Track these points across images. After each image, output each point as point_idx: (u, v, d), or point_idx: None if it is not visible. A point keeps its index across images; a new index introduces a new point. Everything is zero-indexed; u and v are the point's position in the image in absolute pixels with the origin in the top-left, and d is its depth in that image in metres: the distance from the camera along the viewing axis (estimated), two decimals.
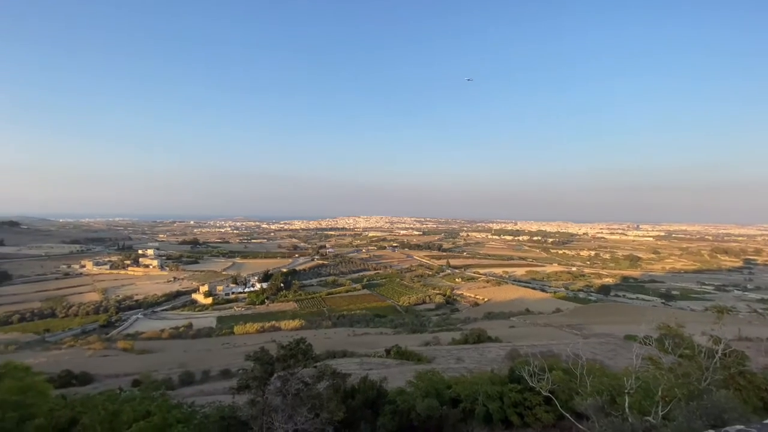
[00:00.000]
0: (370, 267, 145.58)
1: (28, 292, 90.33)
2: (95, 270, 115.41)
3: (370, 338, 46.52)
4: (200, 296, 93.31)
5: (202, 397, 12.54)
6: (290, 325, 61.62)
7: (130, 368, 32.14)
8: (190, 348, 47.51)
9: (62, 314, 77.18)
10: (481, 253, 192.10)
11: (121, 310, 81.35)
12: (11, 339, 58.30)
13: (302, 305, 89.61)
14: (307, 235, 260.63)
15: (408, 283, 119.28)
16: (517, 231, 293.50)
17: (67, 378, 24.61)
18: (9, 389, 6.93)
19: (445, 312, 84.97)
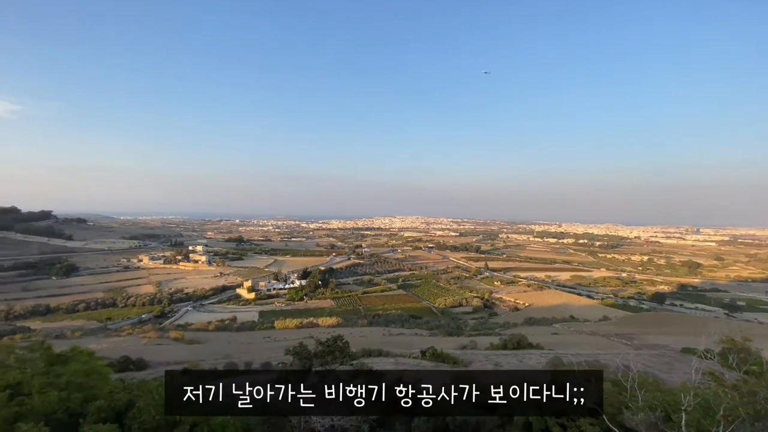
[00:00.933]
0: (405, 267, 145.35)
1: (92, 283, 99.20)
2: (151, 264, 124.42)
3: (405, 339, 46.39)
4: (244, 291, 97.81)
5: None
6: (327, 322, 62.93)
7: (180, 357, 34.33)
8: (234, 340, 49.87)
9: (122, 304, 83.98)
10: (521, 256, 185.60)
11: (173, 302, 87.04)
12: (77, 326, 64.28)
13: (339, 303, 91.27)
14: (344, 234, 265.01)
15: (444, 285, 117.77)
16: (562, 233, 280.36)
17: (125, 363, 26.70)
18: (74, 372, 7.64)
19: (483, 316, 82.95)
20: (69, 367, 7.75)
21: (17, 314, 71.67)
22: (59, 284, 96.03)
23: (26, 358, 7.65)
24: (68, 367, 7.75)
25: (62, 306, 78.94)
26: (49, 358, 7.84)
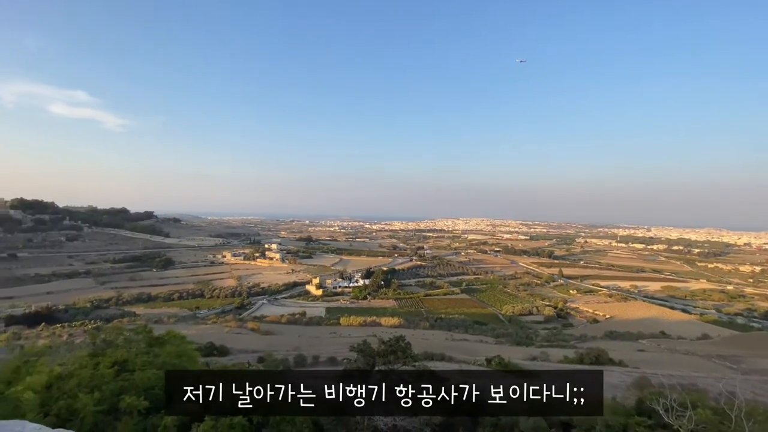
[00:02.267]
0: (469, 271, 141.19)
1: (185, 275, 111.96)
2: (233, 260, 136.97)
3: (469, 345, 45.00)
4: (312, 288, 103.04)
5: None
6: (389, 322, 63.57)
7: (256, 346, 37.24)
8: (303, 333, 52.67)
9: (208, 295, 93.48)
10: (602, 263, 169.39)
11: (251, 296, 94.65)
12: (172, 313, 72.93)
13: (401, 304, 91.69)
14: (406, 235, 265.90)
15: (512, 291, 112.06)
16: (651, 238, 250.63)
17: (210, 349, 29.67)
18: (169, 353, 8.59)
19: (556, 326, 77.22)
20: (165, 348, 8.75)
21: (125, 300, 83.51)
22: (158, 276, 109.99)
23: (131, 339, 8.80)
24: (164, 348, 8.75)
25: (160, 295, 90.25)
26: (150, 340, 8.92)
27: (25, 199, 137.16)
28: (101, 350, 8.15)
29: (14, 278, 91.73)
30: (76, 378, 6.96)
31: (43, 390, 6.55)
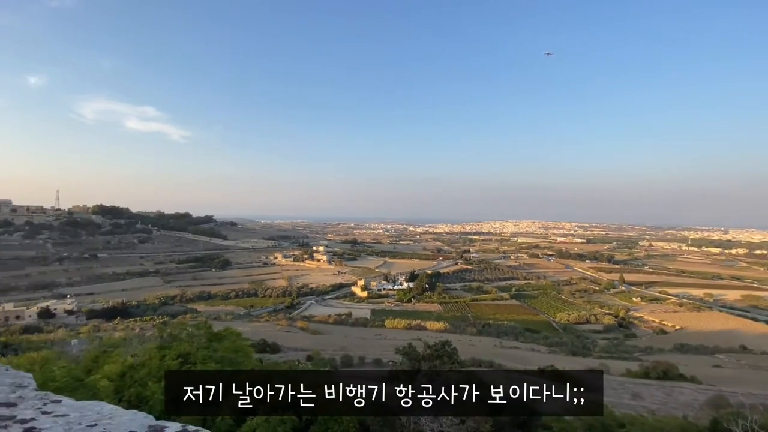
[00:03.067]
0: (519, 276, 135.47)
1: (240, 275, 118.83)
2: (283, 261, 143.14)
3: (520, 353, 43.11)
4: (357, 289, 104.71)
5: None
6: (435, 326, 62.76)
7: (305, 344, 38.54)
8: (350, 334, 53.64)
9: (261, 295, 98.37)
10: (670, 269, 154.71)
11: (300, 296, 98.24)
12: (229, 310, 77.68)
13: (446, 308, 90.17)
14: (451, 238, 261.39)
15: (567, 298, 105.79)
16: (729, 242, 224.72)
17: (262, 345, 31.15)
18: (227, 348, 9.12)
19: (617, 336, 71.61)
20: (223, 344, 9.31)
21: (188, 298, 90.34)
22: (217, 275, 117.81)
23: (194, 334, 9.45)
24: (222, 344, 9.31)
25: (219, 293, 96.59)
26: (209, 335, 9.53)
27: (104, 206, 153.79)
28: (167, 343, 8.84)
29: (95, 276, 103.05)
30: (146, 368, 7.61)
31: (117, 378, 7.23)
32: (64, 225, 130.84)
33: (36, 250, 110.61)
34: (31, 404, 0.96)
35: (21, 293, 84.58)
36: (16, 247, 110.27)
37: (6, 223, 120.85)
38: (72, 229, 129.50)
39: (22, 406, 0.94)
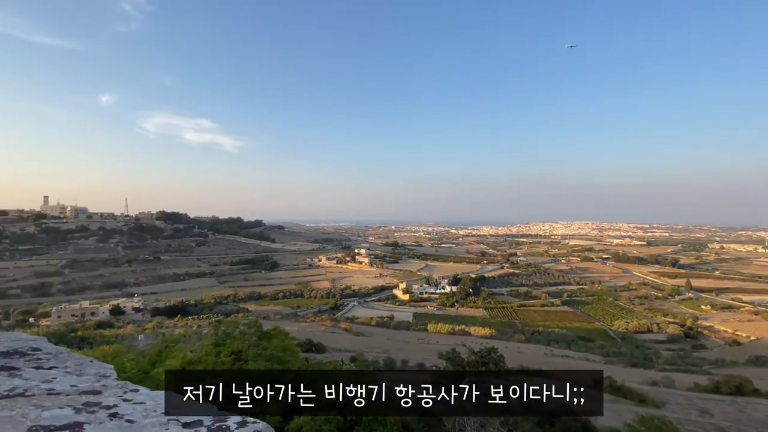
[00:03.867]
0: (571, 281, 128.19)
1: (287, 277, 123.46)
2: (327, 264, 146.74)
3: (573, 362, 40.65)
4: (399, 292, 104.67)
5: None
6: (480, 332, 61.00)
7: (348, 345, 39.12)
8: (392, 337, 53.66)
9: (307, 296, 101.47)
10: (744, 273, 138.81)
11: (343, 297, 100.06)
12: (277, 310, 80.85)
13: (491, 314, 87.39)
14: (496, 241, 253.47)
15: (625, 305, 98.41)
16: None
17: (308, 345, 32.05)
18: (275, 347, 9.48)
19: (683, 347, 65.35)
20: (272, 342, 9.69)
21: (240, 298, 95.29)
22: (266, 277, 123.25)
23: (245, 333, 9.94)
24: (271, 342, 9.70)
25: (268, 294, 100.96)
26: (260, 334, 9.97)
27: (166, 212, 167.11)
28: (222, 341, 9.37)
29: (158, 277, 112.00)
30: (203, 364, 8.11)
31: (178, 372, 7.76)
32: (131, 230, 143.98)
33: (108, 253, 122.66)
34: (113, 392, 1.08)
35: (95, 292, 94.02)
36: (92, 250, 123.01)
37: (83, 228, 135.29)
38: (138, 234, 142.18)
39: (106, 393, 1.07)
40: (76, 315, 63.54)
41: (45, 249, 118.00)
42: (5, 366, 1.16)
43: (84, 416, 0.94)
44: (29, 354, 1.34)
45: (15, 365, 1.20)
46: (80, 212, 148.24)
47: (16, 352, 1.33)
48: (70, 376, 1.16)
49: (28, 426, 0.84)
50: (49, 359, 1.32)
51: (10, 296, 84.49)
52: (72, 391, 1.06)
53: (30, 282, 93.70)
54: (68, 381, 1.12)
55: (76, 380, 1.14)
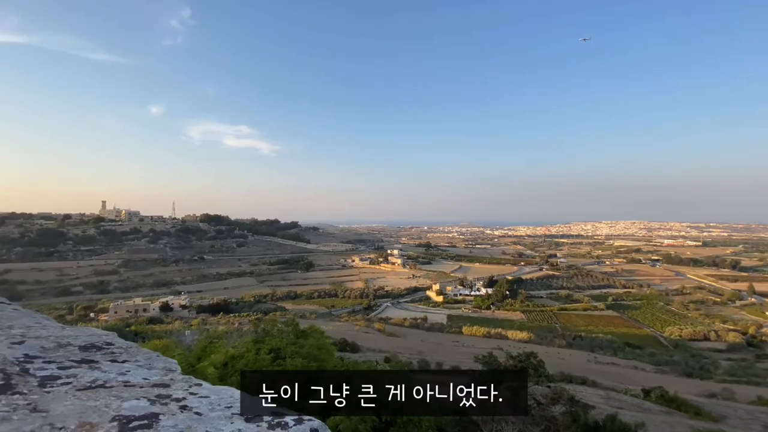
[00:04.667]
0: (616, 283, 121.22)
1: (322, 277, 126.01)
2: (360, 264, 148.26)
3: (619, 370, 38.44)
4: (433, 294, 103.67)
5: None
6: (517, 335, 59.12)
7: (382, 346, 39.26)
8: (426, 339, 53.22)
9: (341, 296, 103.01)
10: None
11: (376, 298, 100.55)
12: (313, 309, 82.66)
13: (530, 317, 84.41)
14: (534, 242, 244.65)
15: (678, 310, 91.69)
16: None
17: (343, 344, 32.46)
18: (312, 345, 9.68)
19: (746, 357, 59.70)
20: (308, 341, 9.92)
21: (277, 297, 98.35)
22: (302, 276, 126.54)
23: (283, 331, 10.24)
24: (308, 340, 9.92)
25: (304, 293, 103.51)
26: (297, 332, 10.23)
27: (209, 214, 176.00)
28: (261, 338, 9.71)
29: (202, 276, 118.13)
30: (244, 359, 8.44)
31: (221, 367, 8.13)
32: (178, 232, 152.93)
33: (158, 254, 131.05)
34: (180, 386, 1.15)
35: (147, 289, 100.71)
36: (143, 250, 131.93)
37: (136, 230, 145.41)
38: (184, 235, 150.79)
39: (174, 387, 1.14)
40: (130, 311, 68.44)
41: (103, 249, 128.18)
42: (85, 359, 1.26)
43: (158, 407, 1.02)
44: (104, 348, 1.46)
45: (93, 358, 1.30)
46: (133, 215, 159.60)
47: (93, 346, 1.44)
48: (141, 369, 1.26)
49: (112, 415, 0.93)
50: (121, 353, 1.44)
51: (74, 293, 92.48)
52: (145, 383, 1.15)
53: (90, 280, 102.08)
54: (140, 374, 1.22)
55: (146, 373, 1.23)
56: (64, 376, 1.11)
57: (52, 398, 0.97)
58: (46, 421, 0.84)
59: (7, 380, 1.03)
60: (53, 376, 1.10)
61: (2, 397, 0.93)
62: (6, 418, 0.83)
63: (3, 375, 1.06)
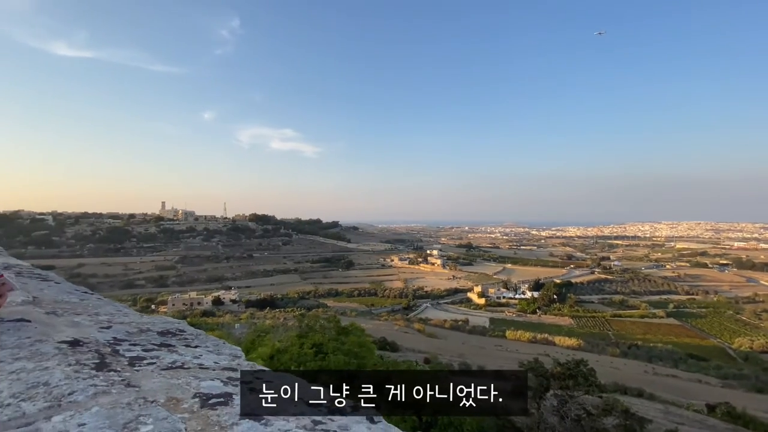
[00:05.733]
0: (678, 289, 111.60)
1: (361, 275, 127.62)
2: (399, 264, 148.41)
3: (680, 383, 35.37)
4: (474, 296, 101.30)
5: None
6: (565, 342, 56.19)
7: (421, 347, 39.07)
8: (467, 341, 52.22)
9: (380, 295, 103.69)
10: None
11: (416, 298, 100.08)
12: (353, 307, 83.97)
13: (579, 323, 79.89)
14: (584, 243, 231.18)
15: (750, 319, 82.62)
16: None
17: (383, 343, 32.72)
18: (353, 342, 9.88)
19: None
20: (349, 338, 10.13)
21: (319, 294, 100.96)
22: (342, 275, 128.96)
23: (325, 327, 10.54)
24: (349, 338, 10.14)
25: (344, 291, 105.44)
26: (338, 329, 10.49)
27: (257, 214, 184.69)
28: (305, 333, 10.06)
29: (250, 272, 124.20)
30: (288, 353, 8.79)
31: (267, 359, 8.53)
32: (229, 230, 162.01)
33: (211, 251, 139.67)
34: (245, 370, 1.28)
35: (201, 284, 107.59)
36: (198, 248, 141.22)
37: (191, 229, 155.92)
38: (235, 234, 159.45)
39: (242, 370, 1.27)
40: (186, 304, 73.60)
41: (162, 246, 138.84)
42: (164, 343, 1.41)
43: (231, 388, 1.15)
44: (178, 334, 1.62)
45: (170, 343, 1.46)
46: (189, 215, 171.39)
47: (168, 332, 1.61)
48: (211, 354, 1.40)
49: (193, 392, 1.06)
50: (193, 339, 1.59)
51: (137, 286, 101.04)
52: (216, 366, 1.28)
53: (152, 274, 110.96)
54: (212, 358, 1.35)
55: (216, 358, 1.37)
56: (149, 357, 1.27)
57: (141, 376, 1.12)
58: (139, 395, 0.97)
59: (102, 359, 1.19)
60: (139, 357, 1.27)
61: (100, 374, 1.08)
62: (106, 391, 0.97)
63: (98, 354, 1.22)
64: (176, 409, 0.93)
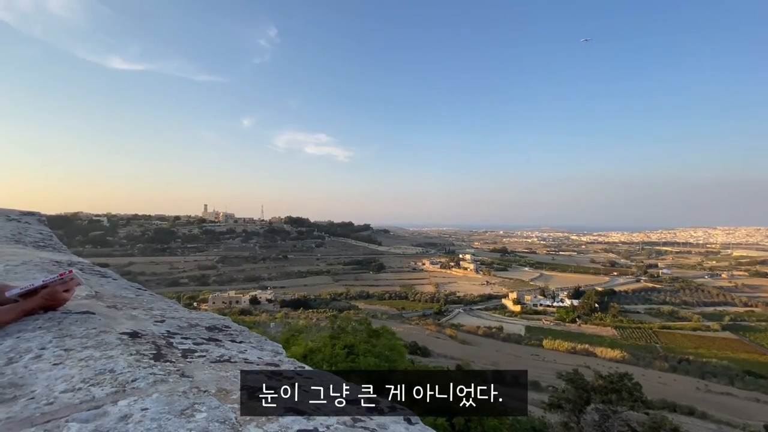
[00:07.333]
0: (736, 300, 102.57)
1: (392, 279, 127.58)
2: (431, 268, 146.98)
3: (736, 402, 32.49)
4: (509, 302, 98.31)
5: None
6: (608, 353, 53.20)
7: (453, 353, 38.40)
8: (501, 349, 50.73)
9: (411, 299, 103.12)
10: None
11: (447, 303, 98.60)
12: (384, 310, 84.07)
13: (623, 334, 75.35)
14: (629, 250, 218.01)
15: None
16: None
17: (413, 348, 32.52)
18: (384, 345, 9.91)
19: None
20: (380, 340, 10.17)
21: (351, 296, 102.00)
22: (373, 277, 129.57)
23: (357, 329, 10.66)
24: (380, 340, 10.18)
25: (375, 294, 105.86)
26: (369, 331, 10.56)
27: (292, 217, 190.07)
28: (337, 334, 10.22)
29: (285, 273, 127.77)
30: (321, 353, 8.96)
31: (300, 358, 8.73)
32: (266, 232, 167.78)
33: (249, 252, 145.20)
34: (287, 366, 1.33)
35: (239, 284, 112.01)
36: (237, 248, 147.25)
37: (231, 230, 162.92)
38: (271, 236, 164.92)
39: (283, 366, 1.33)
40: (225, 302, 76.88)
41: (205, 247, 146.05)
42: (212, 338, 1.50)
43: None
44: (224, 330, 1.70)
45: (217, 338, 1.54)
46: (229, 217, 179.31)
47: (215, 328, 1.69)
48: (254, 350, 1.47)
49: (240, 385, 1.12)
50: (237, 335, 1.66)
51: (181, 284, 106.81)
52: (259, 361, 1.35)
53: (194, 273, 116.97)
54: (255, 354, 1.43)
55: (259, 353, 1.44)
56: (199, 350, 1.36)
57: (193, 367, 1.19)
58: (193, 384, 1.05)
59: (159, 350, 1.28)
60: (191, 350, 1.35)
61: (158, 363, 1.16)
62: (164, 380, 1.05)
63: (155, 346, 1.32)
64: (226, 399, 0.99)
